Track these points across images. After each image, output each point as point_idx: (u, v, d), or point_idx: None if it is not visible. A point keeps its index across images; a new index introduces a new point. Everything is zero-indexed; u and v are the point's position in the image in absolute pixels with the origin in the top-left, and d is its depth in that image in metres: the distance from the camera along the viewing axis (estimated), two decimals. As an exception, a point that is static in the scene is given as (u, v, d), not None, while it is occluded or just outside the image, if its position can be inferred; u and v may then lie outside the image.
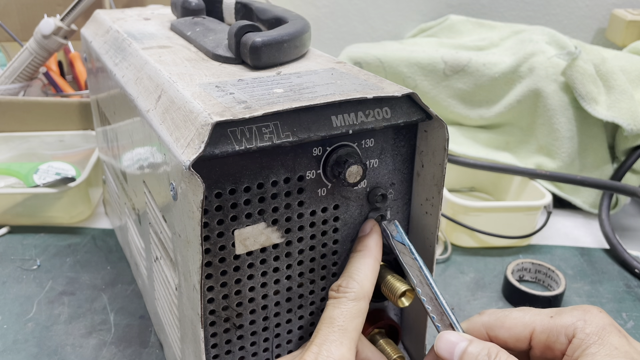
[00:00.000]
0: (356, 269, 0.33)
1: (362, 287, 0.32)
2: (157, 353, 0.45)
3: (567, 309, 0.31)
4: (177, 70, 0.35)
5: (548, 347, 0.31)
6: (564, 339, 0.30)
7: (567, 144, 0.65)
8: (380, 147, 0.34)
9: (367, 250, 0.34)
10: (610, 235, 0.60)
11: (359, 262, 0.34)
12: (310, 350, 0.30)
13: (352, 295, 0.32)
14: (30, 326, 0.48)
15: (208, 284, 0.32)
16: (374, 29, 0.98)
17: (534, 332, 0.31)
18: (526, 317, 0.32)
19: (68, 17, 0.72)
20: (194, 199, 0.27)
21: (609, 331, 0.29)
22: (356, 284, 0.33)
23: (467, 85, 0.71)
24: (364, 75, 0.35)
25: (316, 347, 0.30)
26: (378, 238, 0.35)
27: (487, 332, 0.33)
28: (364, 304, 0.32)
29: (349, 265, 0.34)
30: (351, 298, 0.32)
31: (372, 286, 0.33)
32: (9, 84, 0.75)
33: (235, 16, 0.49)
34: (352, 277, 0.33)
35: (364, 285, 0.33)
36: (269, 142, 0.29)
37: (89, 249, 0.59)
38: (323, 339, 0.31)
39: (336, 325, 0.31)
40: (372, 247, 0.34)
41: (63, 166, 0.65)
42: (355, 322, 0.32)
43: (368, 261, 0.34)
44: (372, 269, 0.34)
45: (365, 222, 0.35)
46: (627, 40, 0.83)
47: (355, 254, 0.34)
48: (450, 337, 0.31)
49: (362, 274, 0.33)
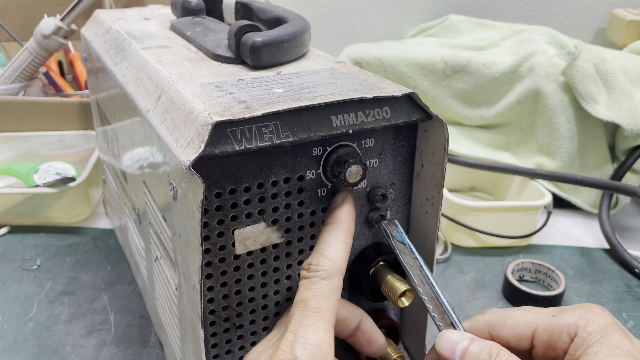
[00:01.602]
0: (326, 244, 0.31)
1: (333, 264, 0.31)
2: (157, 353, 0.45)
3: (569, 308, 0.31)
4: (177, 70, 0.35)
5: (550, 346, 0.31)
6: (566, 337, 0.30)
7: (567, 144, 0.65)
8: (380, 147, 0.34)
9: (337, 223, 0.32)
10: (610, 235, 0.60)
11: (329, 237, 0.32)
12: (285, 338, 0.29)
13: (324, 274, 0.30)
14: (30, 326, 0.48)
15: (208, 284, 0.32)
16: (374, 29, 0.98)
17: (536, 331, 0.31)
18: (528, 316, 0.32)
19: (68, 17, 0.72)
20: (194, 199, 0.27)
21: (611, 330, 0.29)
22: (327, 260, 0.31)
23: (467, 85, 0.71)
24: (364, 75, 0.35)
25: (291, 334, 0.29)
26: (350, 209, 0.33)
27: (489, 331, 0.32)
28: (338, 280, 0.31)
29: (319, 240, 0.32)
30: (323, 277, 0.30)
31: (344, 261, 0.31)
32: (9, 84, 0.75)
33: (235, 16, 0.49)
34: (322, 253, 0.31)
35: (336, 261, 0.31)
36: (269, 142, 0.29)
37: (89, 249, 0.59)
38: (298, 324, 0.29)
39: (310, 308, 0.29)
40: (343, 219, 0.32)
41: (63, 166, 0.65)
42: (329, 301, 0.30)
43: (339, 234, 0.32)
44: (343, 242, 0.32)
45: (338, 194, 0.33)
46: (627, 40, 0.83)
47: (326, 227, 0.32)
48: (452, 336, 0.31)
49: (333, 249, 0.31)
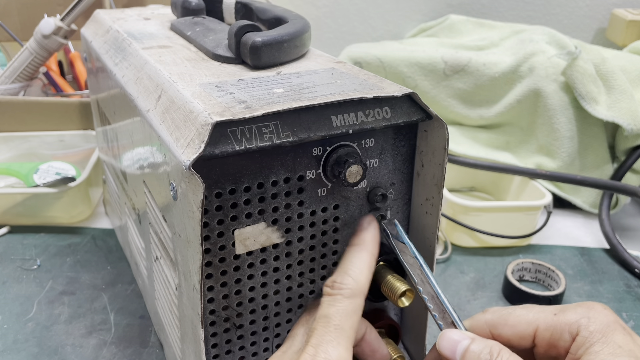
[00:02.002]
0: (351, 264, 0.32)
1: (357, 283, 0.31)
2: (157, 353, 0.45)
3: (571, 306, 0.31)
4: (177, 70, 0.35)
5: (552, 345, 0.30)
6: (567, 336, 0.30)
7: (567, 144, 0.65)
8: (380, 147, 0.34)
9: (363, 245, 0.33)
10: (610, 235, 0.60)
11: (354, 257, 0.33)
12: (307, 352, 0.29)
13: (348, 292, 0.31)
14: (31, 326, 0.48)
15: (208, 284, 0.32)
16: (374, 28, 0.98)
17: (538, 329, 0.31)
18: (530, 314, 0.32)
19: (68, 17, 0.72)
20: (194, 199, 0.27)
21: (613, 329, 0.29)
22: (351, 279, 0.31)
23: (467, 85, 0.71)
24: (364, 75, 0.35)
25: (312, 348, 0.29)
26: (375, 233, 0.34)
27: (490, 330, 0.32)
28: (360, 300, 0.31)
29: (343, 259, 0.33)
30: (347, 295, 0.31)
31: (367, 282, 0.32)
32: (9, 84, 0.75)
33: (235, 16, 0.49)
34: (347, 272, 0.32)
35: (360, 281, 0.31)
36: (269, 142, 0.29)
37: (89, 249, 0.59)
38: (319, 339, 0.29)
39: (332, 325, 0.30)
40: (369, 241, 0.33)
41: (63, 166, 0.65)
42: (351, 320, 0.30)
43: (364, 255, 0.33)
44: (367, 264, 0.32)
45: (364, 217, 0.35)
46: (627, 40, 0.83)
47: (351, 248, 0.33)
48: (453, 335, 0.31)
49: (358, 269, 0.32)
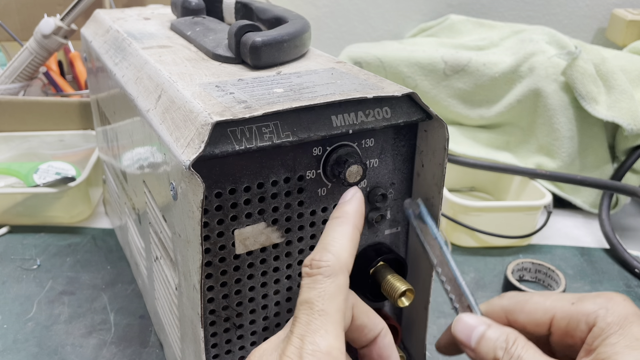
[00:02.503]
0: (331, 239, 0.29)
1: (338, 259, 0.28)
2: (157, 353, 0.45)
3: (589, 295, 0.30)
4: (177, 70, 0.35)
5: (568, 334, 0.30)
6: (584, 326, 0.29)
7: (567, 144, 0.65)
8: (380, 147, 0.34)
9: (344, 217, 0.30)
10: (610, 235, 0.60)
11: (335, 231, 0.29)
12: (292, 344, 0.26)
13: (328, 270, 0.28)
14: (30, 326, 0.48)
15: (208, 284, 0.32)
16: (374, 28, 0.98)
17: (554, 318, 0.30)
18: (547, 302, 0.31)
19: (68, 17, 0.72)
20: (194, 199, 0.27)
21: (631, 321, 0.28)
22: (331, 255, 0.28)
23: (467, 85, 0.71)
24: (364, 75, 0.35)
25: (298, 339, 0.26)
26: (359, 204, 0.31)
27: (507, 316, 0.32)
28: (343, 278, 0.28)
29: (323, 234, 0.30)
30: (327, 274, 0.28)
31: (350, 257, 0.29)
32: (9, 84, 0.75)
33: (235, 16, 0.49)
34: (326, 248, 0.29)
35: (341, 257, 0.28)
36: (269, 141, 0.29)
37: (89, 249, 0.59)
38: (304, 328, 0.27)
39: (315, 311, 0.27)
40: (351, 213, 0.30)
41: (63, 166, 0.65)
42: (335, 302, 0.27)
43: (345, 229, 0.30)
44: (350, 238, 0.29)
45: (348, 189, 0.32)
46: (627, 40, 0.83)
47: (331, 221, 0.30)
48: (469, 319, 0.30)
49: (338, 244, 0.29)
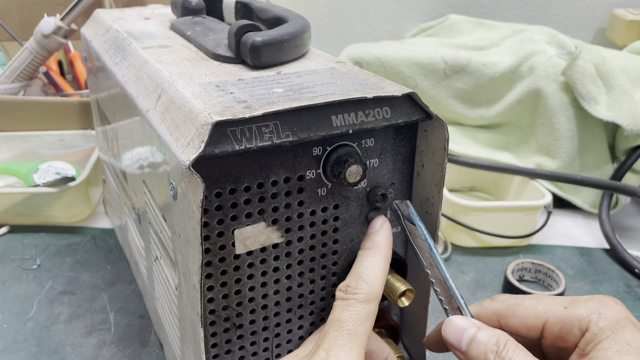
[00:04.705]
0: (365, 269, 0.32)
1: (371, 288, 0.31)
2: (157, 353, 0.45)
3: (582, 299, 0.30)
4: (177, 70, 0.35)
5: (561, 338, 0.30)
6: (577, 331, 0.29)
7: (567, 144, 0.65)
8: (380, 147, 0.34)
9: (376, 249, 0.32)
10: (610, 235, 0.60)
11: (368, 262, 0.32)
12: (318, 356, 0.29)
13: (362, 297, 0.30)
14: (30, 326, 0.48)
15: (208, 284, 0.32)
16: (374, 28, 0.98)
17: (547, 322, 0.30)
18: (539, 306, 0.31)
19: (68, 17, 0.72)
20: (194, 199, 0.27)
21: (623, 325, 0.28)
22: (365, 284, 0.31)
23: (467, 85, 0.71)
24: (364, 74, 0.35)
25: (324, 352, 0.29)
26: (388, 235, 0.33)
27: (498, 319, 0.32)
28: (374, 306, 0.31)
29: (357, 263, 0.32)
30: (360, 300, 0.30)
31: (381, 287, 0.32)
32: (9, 84, 0.75)
33: (235, 16, 0.49)
34: (361, 277, 0.31)
35: (374, 286, 0.31)
36: (269, 141, 0.29)
37: (89, 249, 0.59)
38: (331, 343, 0.29)
39: (345, 329, 0.29)
40: (382, 245, 0.33)
41: (63, 165, 0.65)
42: (364, 325, 0.30)
43: (378, 260, 0.32)
44: (381, 269, 0.32)
45: (376, 218, 0.34)
46: (627, 40, 0.83)
47: (364, 251, 0.33)
48: (459, 322, 0.30)
49: (372, 274, 0.31)
